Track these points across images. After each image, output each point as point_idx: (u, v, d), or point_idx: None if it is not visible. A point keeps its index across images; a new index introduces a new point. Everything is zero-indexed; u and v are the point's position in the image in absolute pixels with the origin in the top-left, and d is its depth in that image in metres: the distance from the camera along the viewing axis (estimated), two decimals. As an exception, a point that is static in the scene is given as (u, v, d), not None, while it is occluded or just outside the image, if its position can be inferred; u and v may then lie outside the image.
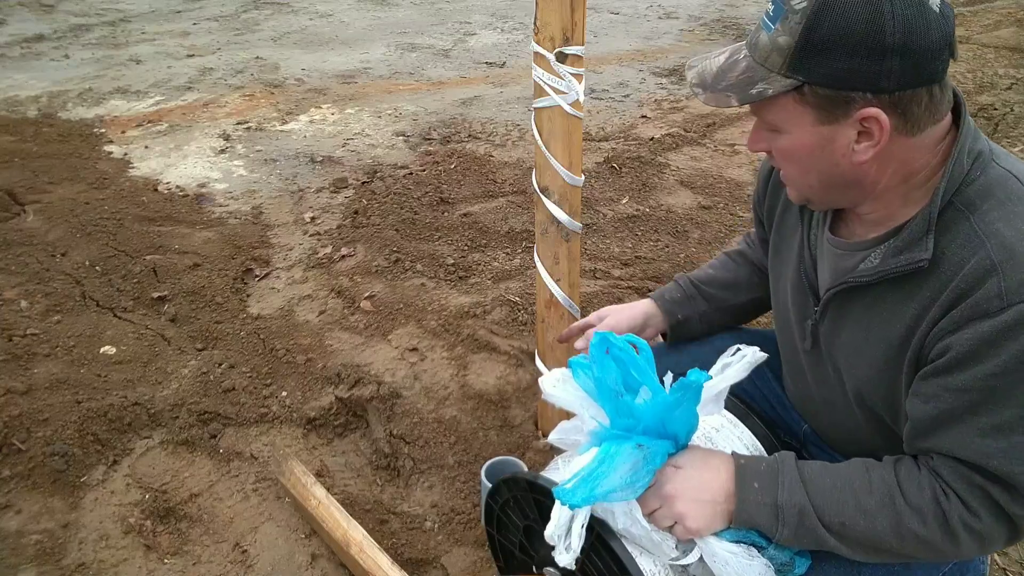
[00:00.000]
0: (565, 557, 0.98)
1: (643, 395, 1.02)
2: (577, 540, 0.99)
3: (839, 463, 1.03)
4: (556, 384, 1.12)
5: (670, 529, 1.04)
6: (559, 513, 1.00)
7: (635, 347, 1.04)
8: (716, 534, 1.04)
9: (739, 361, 1.09)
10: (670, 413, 1.01)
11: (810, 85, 0.92)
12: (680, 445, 1.07)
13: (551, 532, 1.00)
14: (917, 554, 0.97)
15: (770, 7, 0.95)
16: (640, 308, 1.45)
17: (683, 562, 1.05)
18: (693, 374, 0.97)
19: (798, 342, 1.21)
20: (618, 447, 1.00)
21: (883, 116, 0.91)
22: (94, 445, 2.01)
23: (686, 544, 1.06)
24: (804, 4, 0.90)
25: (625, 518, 1.03)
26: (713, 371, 1.10)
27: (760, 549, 1.05)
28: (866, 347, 1.05)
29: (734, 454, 1.07)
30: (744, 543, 1.04)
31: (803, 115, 0.95)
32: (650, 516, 1.04)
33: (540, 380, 1.15)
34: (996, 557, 1.75)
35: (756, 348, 1.10)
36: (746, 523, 1.02)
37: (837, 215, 1.13)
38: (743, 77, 0.97)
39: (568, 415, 1.12)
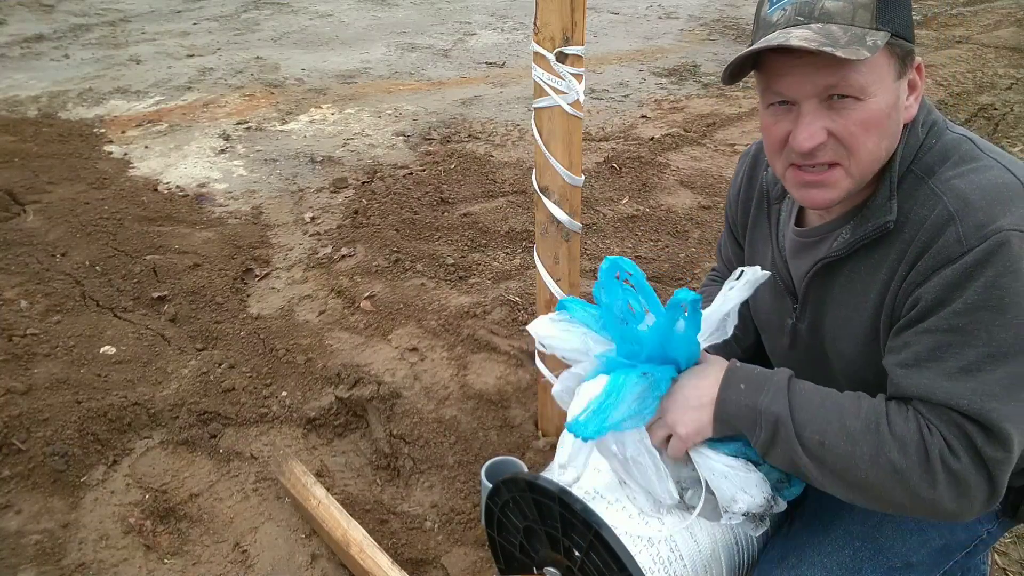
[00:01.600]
0: (570, 474, 1.04)
1: (648, 320, 1.04)
2: (583, 464, 1.05)
3: (834, 390, 1.03)
4: (549, 328, 1.13)
5: (665, 443, 1.06)
6: (572, 443, 1.03)
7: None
8: (712, 448, 1.05)
9: (742, 285, 1.08)
10: (670, 337, 1.02)
11: (894, 36, 0.95)
12: (681, 371, 1.09)
13: (563, 461, 1.04)
14: (889, 490, 0.94)
15: None
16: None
17: (687, 500, 1.09)
18: (680, 293, 0.98)
19: (778, 343, 1.24)
20: (626, 377, 1.02)
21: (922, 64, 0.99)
22: (94, 445, 2.01)
23: (686, 470, 1.08)
24: None
25: (636, 446, 1.04)
26: (718, 298, 1.10)
27: (757, 465, 1.06)
28: (849, 324, 1.08)
29: (732, 361, 1.08)
30: (740, 458, 1.06)
31: (888, 71, 0.96)
32: (649, 431, 1.06)
33: (530, 327, 1.15)
34: (996, 557, 1.75)
35: (757, 268, 1.08)
36: (725, 422, 1.03)
37: (802, 207, 1.15)
38: (849, 35, 0.92)
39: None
